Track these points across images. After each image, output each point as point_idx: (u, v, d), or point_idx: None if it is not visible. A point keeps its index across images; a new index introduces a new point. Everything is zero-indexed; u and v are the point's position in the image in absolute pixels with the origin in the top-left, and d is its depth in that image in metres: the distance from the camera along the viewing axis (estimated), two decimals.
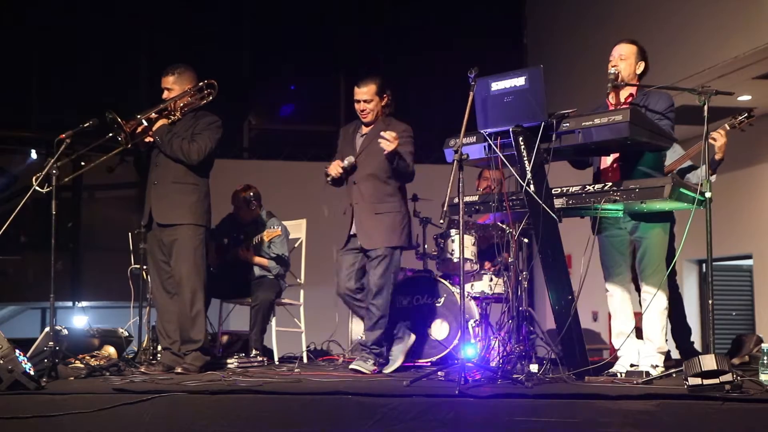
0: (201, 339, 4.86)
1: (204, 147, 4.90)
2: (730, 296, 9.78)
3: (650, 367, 4.28)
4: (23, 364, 3.84)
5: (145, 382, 4.22)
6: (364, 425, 3.37)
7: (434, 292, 5.70)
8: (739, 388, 3.48)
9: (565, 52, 9.24)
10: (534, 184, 4.17)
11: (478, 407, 3.42)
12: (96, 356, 5.16)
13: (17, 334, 6.69)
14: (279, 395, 3.65)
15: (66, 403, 3.56)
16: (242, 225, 6.10)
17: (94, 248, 8.96)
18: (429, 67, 10.14)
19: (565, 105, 4.43)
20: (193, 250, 4.87)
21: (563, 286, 4.30)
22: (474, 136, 4.40)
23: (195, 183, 4.94)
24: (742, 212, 8.36)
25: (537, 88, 4.09)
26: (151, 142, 4.96)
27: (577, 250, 4.41)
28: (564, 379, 4.13)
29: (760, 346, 4.05)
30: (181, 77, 5.03)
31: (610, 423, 3.25)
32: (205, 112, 5.06)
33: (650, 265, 4.37)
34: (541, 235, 4.21)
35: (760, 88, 7.39)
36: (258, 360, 5.50)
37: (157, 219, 4.91)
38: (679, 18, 7.36)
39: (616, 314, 4.51)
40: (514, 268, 4.99)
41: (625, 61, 4.40)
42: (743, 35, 6.57)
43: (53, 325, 4.49)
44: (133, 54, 9.56)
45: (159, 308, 5.03)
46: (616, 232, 4.45)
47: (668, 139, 4.19)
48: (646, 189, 4.05)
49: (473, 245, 5.66)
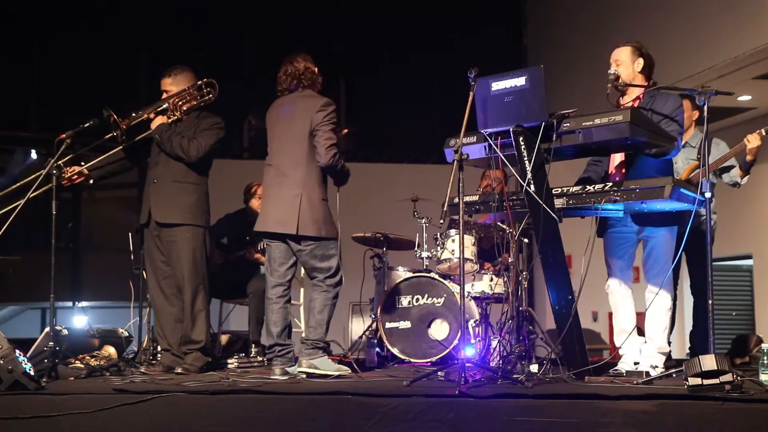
0: (202, 339, 4.86)
1: (204, 145, 4.90)
2: (730, 296, 9.79)
3: (650, 367, 4.29)
4: (23, 364, 3.84)
5: (145, 382, 4.22)
6: (364, 425, 3.36)
7: (434, 292, 5.70)
8: (739, 388, 3.48)
9: (565, 52, 9.24)
10: (534, 184, 4.17)
11: (478, 407, 3.41)
12: (96, 356, 5.16)
13: (17, 334, 6.69)
14: (279, 395, 3.65)
15: (66, 403, 3.55)
16: (249, 225, 6.10)
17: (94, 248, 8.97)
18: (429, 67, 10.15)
19: (565, 105, 4.43)
20: (192, 252, 4.86)
21: (563, 286, 4.30)
22: (474, 136, 4.40)
23: (195, 182, 4.94)
24: (742, 212, 8.37)
25: (537, 88, 4.09)
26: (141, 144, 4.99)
27: (577, 250, 4.41)
28: (564, 379, 4.13)
29: (760, 346, 4.05)
30: (178, 78, 5.04)
31: (610, 423, 3.25)
32: (208, 114, 5.08)
33: (656, 264, 4.37)
34: (542, 235, 4.21)
35: (760, 88, 7.40)
36: (258, 360, 5.50)
37: (156, 218, 4.91)
38: (679, 18, 7.36)
39: (618, 311, 4.51)
40: (514, 268, 4.99)
41: (621, 65, 4.42)
42: (743, 35, 6.57)
43: (53, 325, 4.49)
44: (133, 54, 9.56)
45: (156, 310, 5.03)
46: (622, 229, 4.46)
47: (669, 140, 4.19)
48: (646, 189, 4.05)
49: (473, 245, 5.66)
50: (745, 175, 5.21)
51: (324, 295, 4.61)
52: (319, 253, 4.59)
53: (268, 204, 4.67)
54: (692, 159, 5.29)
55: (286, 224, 4.54)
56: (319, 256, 4.60)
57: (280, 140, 4.68)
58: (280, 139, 4.69)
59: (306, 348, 4.60)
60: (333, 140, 4.55)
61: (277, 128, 4.73)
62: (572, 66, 8.78)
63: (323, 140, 4.53)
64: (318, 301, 4.62)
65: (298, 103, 4.65)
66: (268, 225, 4.63)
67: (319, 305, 4.61)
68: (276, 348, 4.63)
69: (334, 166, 4.58)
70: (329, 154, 4.53)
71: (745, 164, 5.13)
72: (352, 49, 10.17)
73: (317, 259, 4.59)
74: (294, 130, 4.61)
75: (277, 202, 4.60)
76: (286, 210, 4.54)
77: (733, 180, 5.27)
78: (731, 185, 5.34)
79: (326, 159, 4.53)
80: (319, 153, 4.55)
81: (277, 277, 4.68)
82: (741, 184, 5.29)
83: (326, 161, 4.54)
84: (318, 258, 4.60)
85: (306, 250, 4.59)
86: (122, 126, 4.88)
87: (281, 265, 4.67)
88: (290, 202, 4.53)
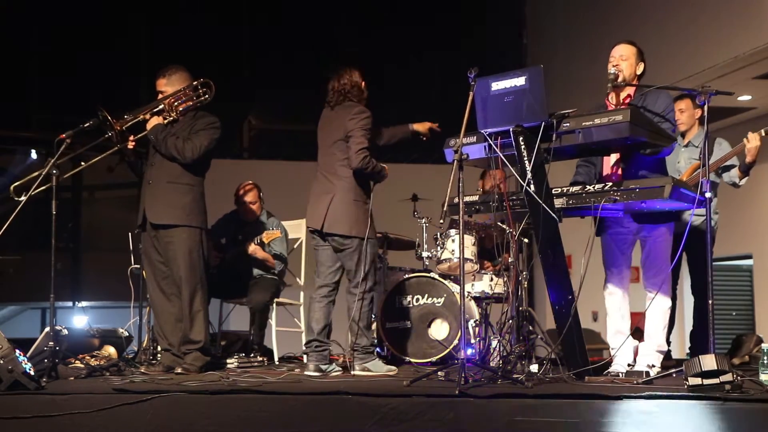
0: (201, 339, 4.86)
1: (199, 145, 4.89)
2: (730, 296, 9.79)
3: (647, 366, 4.29)
4: (23, 364, 3.84)
5: (145, 382, 4.22)
6: (364, 425, 3.37)
7: (434, 292, 5.71)
8: (739, 388, 3.47)
9: (565, 52, 9.24)
10: (534, 184, 4.17)
11: (478, 407, 3.41)
12: (96, 356, 5.17)
13: (17, 334, 6.70)
14: (279, 395, 3.65)
15: (66, 403, 3.55)
16: (242, 224, 6.11)
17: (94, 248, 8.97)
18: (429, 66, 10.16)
19: (565, 105, 4.43)
20: (189, 252, 4.85)
21: (563, 286, 4.30)
22: (474, 136, 4.40)
23: (190, 183, 4.93)
24: (742, 212, 8.36)
25: (537, 88, 4.09)
26: (135, 146, 4.98)
27: (577, 250, 4.41)
28: (564, 379, 4.13)
29: (760, 346, 4.05)
30: (172, 78, 5.03)
31: (610, 423, 3.25)
32: (205, 113, 5.06)
33: (655, 264, 4.37)
34: (542, 235, 4.20)
35: (760, 88, 7.40)
36: (258, 360, 5.50)
37: (151, 219, 4.90)
38: (679, 18, 7.37)
39: (613, 313, 4.50)
40: (514, 268, 4.99)
41: (626, 61, 4.40)
42: (743, 35, 6.57)
43: (53, 325, 4.48)
44: (133, 54, 9.57)
45: (156, 310, 5.02)
46: (619, 230, 4.45)
47: (668, 139, 4.19)
48: (646, 189, 4.05)
49: (473, 245, 5.66)
50: (744, 176, 5.21)
51: (358, 305, 4.86)
52: (355, 256, 4.85)
53: (310, 204, 4.98)
54: (695, 159, 5.29)
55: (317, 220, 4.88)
56: (355, 260, 4.85)
57: (321, 148, 5.02)
58: (322, 146, 5.02)
59: (358, 354, 4.89)
60: (363, 145, 4.81)
61: (320, 137, 5.04)
62: (572, 66, 8.78)
63: (354, 145, 4.81)
64: (355, 311, 4.86)
65: (339, 114, 4.95)
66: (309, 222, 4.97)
67: (357, 314, 4.85)
68: (313, 343, 4.86)
69: (364, 169, 4.83)
70: (359, 158, 4.79)
71: (744, 165, 5.13)
72: (353, 49, 10.17)
73: (352, 262, 4.87)
74: (333, 137, 4.92)
75: (315, 203, 4.93)
76: (320, 209, 4.88)
77: (731, 180, 5.28)
78: (730, 185, 5.34)
79: (356, 163, 4.79)
80: (350, 157, 4.82)
81: (323, 278, 4.97)
82: (740, 185, 5.28)
83: (356, 165, 4.80)
84: (353, 260, 4.86)
85: (344, 252, 4.87)
86: (117, 127, 4.87)
87: (327, 267, 4.97)
88: (327, 202, 4.85)
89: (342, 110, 4.93)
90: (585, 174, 4.63)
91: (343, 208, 4.83)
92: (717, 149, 5.29)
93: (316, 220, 4.88)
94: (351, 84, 4.96)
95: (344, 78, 4.97)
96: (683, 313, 7.34)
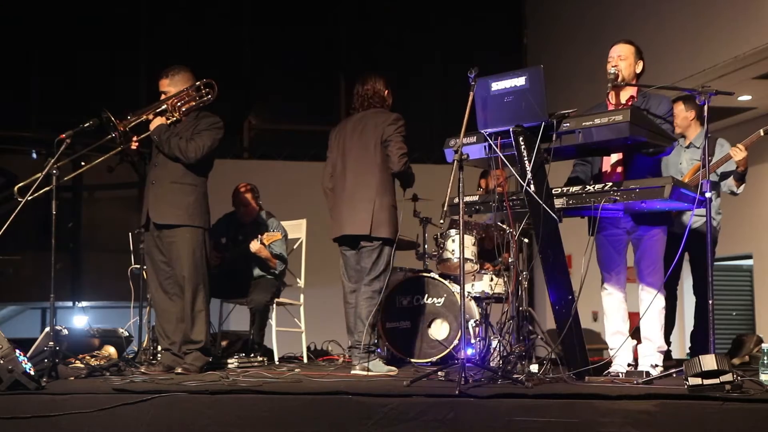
0: (202, 339, 4.86)
1: (202, 145, 4.89)
2: (730, 296, 9.79)
3: (650, 366, 4.29)
4: (23, 364, 3.83)
5: (145, 382, 4.21)
6: (364, 425, 3.37)
7: (434, 292, 5.70)
8: (739, 388, 3.47)
9: (566, 52, 9.25)
10: (534, 184, 4.17)
11: (478, 407, 3.41)
12: (96, 356, 5.17)
13: (17, 334, 6.69)
14: (279, 395, 3.65)
15: (66, 403, 3.55)
16: (241, 225, 6.11)
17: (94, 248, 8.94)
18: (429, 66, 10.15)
19: (565, 105, 4.43)
20: (192, 252, 4.86)
21: (563, 286, 4.30)
22: (474, 136, 4.40)
23: (193, 183, 4.93)
24: (742, 212, 8.36)
25: (537, 88, 4.09)
26: (138, 147, 4.98)
27: (577, 250, 4.41)
28: (564, 379, 4.13)
29: (760, 346, 4.05)
30: (175, 79, 5.03)
31: (610, 423, 3.25)
32: (207, 113, 5.07)
33: (649, 264, 4.37)
34: (542, 235, 4.21)
35: (760, 88, 7.40)
36: (258, 360, 5.50)
37: (154, 219, 4.90)
38: (680, 18, 7.37)
39: (611, 313, 4.50)
40: (514, 268, 4.99)
41: (624, 60, 4.40)
42: (743, 35, 6.58)
43: (53, 325, 4.48)
44: (133, 54, 9.56)
45: (158, 309, 5.02)
46: (614, 232, 4.46)
47: (668, 139, 4.19)
48: (646, 189, 4.05)
49: (473, 245, 5.66)
50: (741, 183, 5.23)
51: (368, 302, 4.86)
52: (374, 255, 4.88)
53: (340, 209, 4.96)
54: (696, 160, 5.30)
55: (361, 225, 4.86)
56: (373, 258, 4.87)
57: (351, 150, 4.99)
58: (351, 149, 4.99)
59: (359, 353, 4.86)
60: (405, 150, 4.90)
61: (348, 140, 5.01)
62: (572, 66, 8.78)
63: (395, 149, 4.88)
64: (364, 308, 4.85)
65: (367, 120, 4.98)
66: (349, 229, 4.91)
67: (365, 312, 4.84)
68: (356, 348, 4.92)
69: (405, 172, 4.95)
70: (401, 162, 4.89)
71: (736, 174, 5.17)
72: (353, 48, 10.17)
73: (369, 260, 4.88)
74: (366, 142, 4.93)
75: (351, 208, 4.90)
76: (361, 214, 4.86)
77: (729, 188, 5.31)
78: (728, 193, 5.37)
79: (399, 166, 4.89)
80: (392, 161, 4.89)
81: (353, 282, 4.99)
82: (737, 192, 5.32)
83: (399, 168, 4.89)
84: (371, 258, 4.88)
85: (365, 249, 4.90)
86: (120, 128, 4.87)
87: (356, 271, 4.98)
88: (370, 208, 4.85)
89: (374, 116, 4.97)
90: (581, 172, 4.63)
91: (385, 214, 4.86)
92: (719, 150, 5.30)
93: (360, 226, 4.84)
94: (373, 91, 5.02)
95: (368, 84, 5.04)
96: (683, 313, 7.34)
